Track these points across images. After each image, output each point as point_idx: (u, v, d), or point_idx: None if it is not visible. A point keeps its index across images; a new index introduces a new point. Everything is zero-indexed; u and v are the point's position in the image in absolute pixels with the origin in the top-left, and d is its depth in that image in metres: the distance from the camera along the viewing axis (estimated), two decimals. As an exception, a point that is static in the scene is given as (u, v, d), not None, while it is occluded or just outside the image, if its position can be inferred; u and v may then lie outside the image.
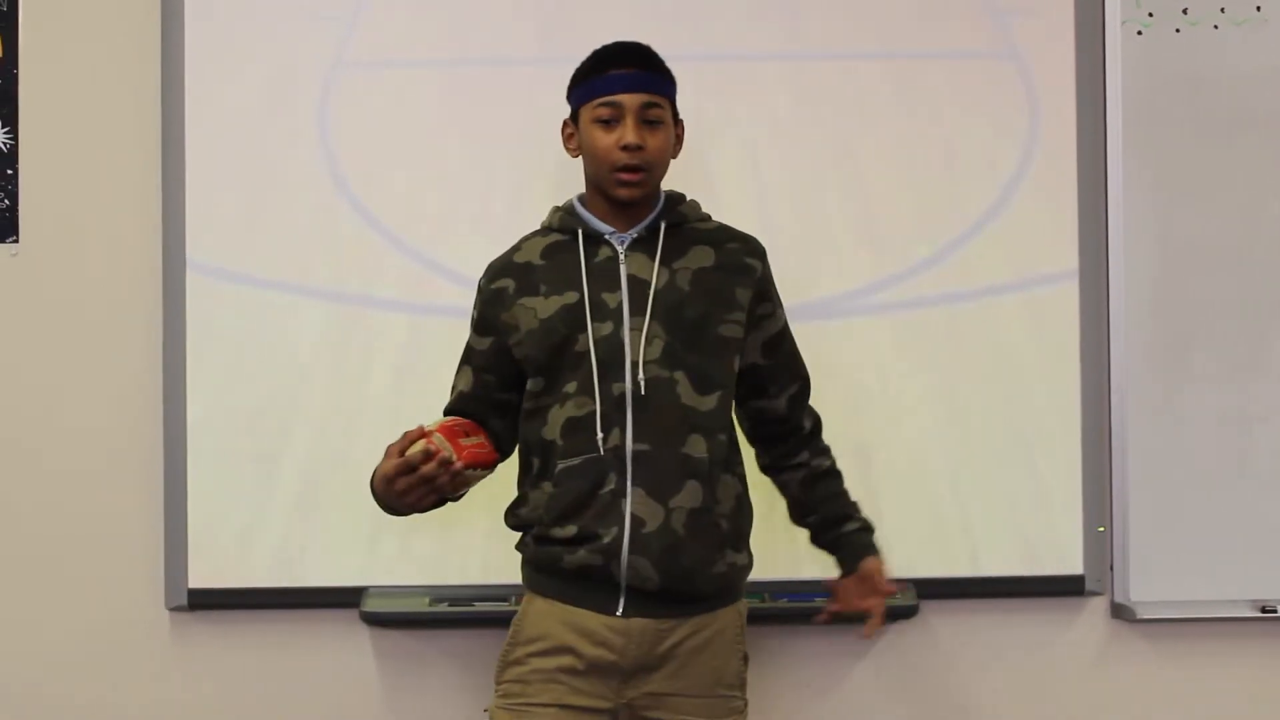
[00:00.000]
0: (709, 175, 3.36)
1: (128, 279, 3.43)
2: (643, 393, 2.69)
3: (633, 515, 2.68)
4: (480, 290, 2.84)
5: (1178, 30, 3.49)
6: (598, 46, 2.83)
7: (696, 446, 2.71)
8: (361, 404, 3.38)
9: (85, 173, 3.45)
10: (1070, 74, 3.46)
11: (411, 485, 2.63)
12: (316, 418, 3.38)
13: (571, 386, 2.72)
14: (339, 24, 3.41)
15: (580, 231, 2.78)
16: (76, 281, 3.45)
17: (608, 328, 2.72)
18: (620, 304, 2.73)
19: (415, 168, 3.40)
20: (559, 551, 2.72)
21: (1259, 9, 3.50)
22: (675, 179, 2.86)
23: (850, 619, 2.89)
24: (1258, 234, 3.49)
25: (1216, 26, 3.49)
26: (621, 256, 2.76)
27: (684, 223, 2.81)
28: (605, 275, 2.75)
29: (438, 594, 3.35)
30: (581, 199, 2.84)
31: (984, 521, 3.43)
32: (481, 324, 2.83)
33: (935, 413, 3.43)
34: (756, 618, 3.32)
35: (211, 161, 3.39)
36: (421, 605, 3.34)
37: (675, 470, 2.70)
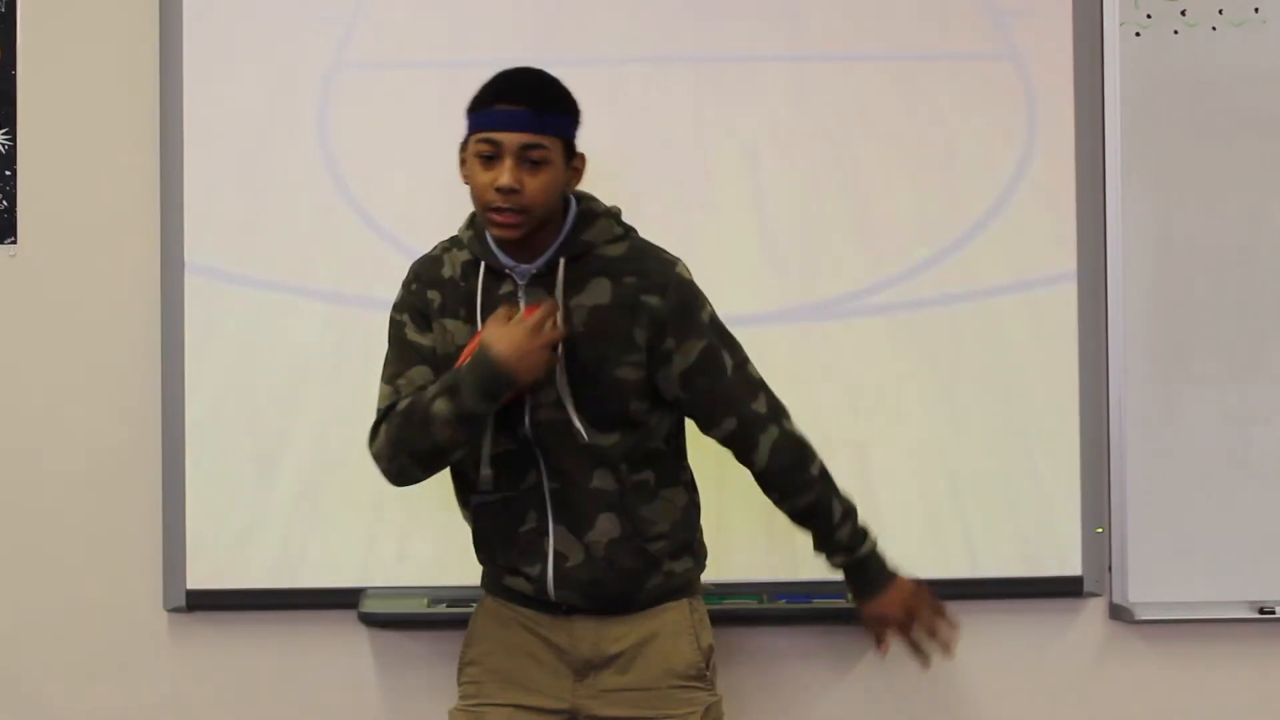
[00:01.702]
0: (709, 175, 3.36)
1: (127, 280, 3.43)
2: (542, 433, 2.66)
3: (555, 551, 2.69)
4: (411, 294, 2.75)
5: (1176, 32, 3.50)
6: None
7: (604, 480, 2.68)
8: (361, 405, 3.35)
9: (84, 174, 3.45)
10: (1069, 75, 3.46)
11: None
12: (315, 418, 3.38)
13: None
14: (338, 24, 3.40)
15: (483, 263, 2.69)
16: (75, 283, 3.45)
17: None
18: None
19: (415, 168, 3.39)
20: (498, 572, 2.77)
21: (1257, 10, 3.50)
22: (675, 179, 2.85)
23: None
24: (1256, 235, 3.50)
25: (1215, 28, 3.50)
26: (521, 294, 2.67)
27: (590, 250, 2.68)
28: None
29: (436, 595, 3.35)
30: None
31: (983, 522, 3.43)
32: (422, 324, 2.73)
33: (934, 413, 3.43)
34: (756, 618, 3.34)
35: (210, 162, 3.39)
36: (420, 606, 3.34)
37: (588, 505, 2.68)
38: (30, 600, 3.44)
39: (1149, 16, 3.49)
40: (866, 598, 2.79)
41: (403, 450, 2.64)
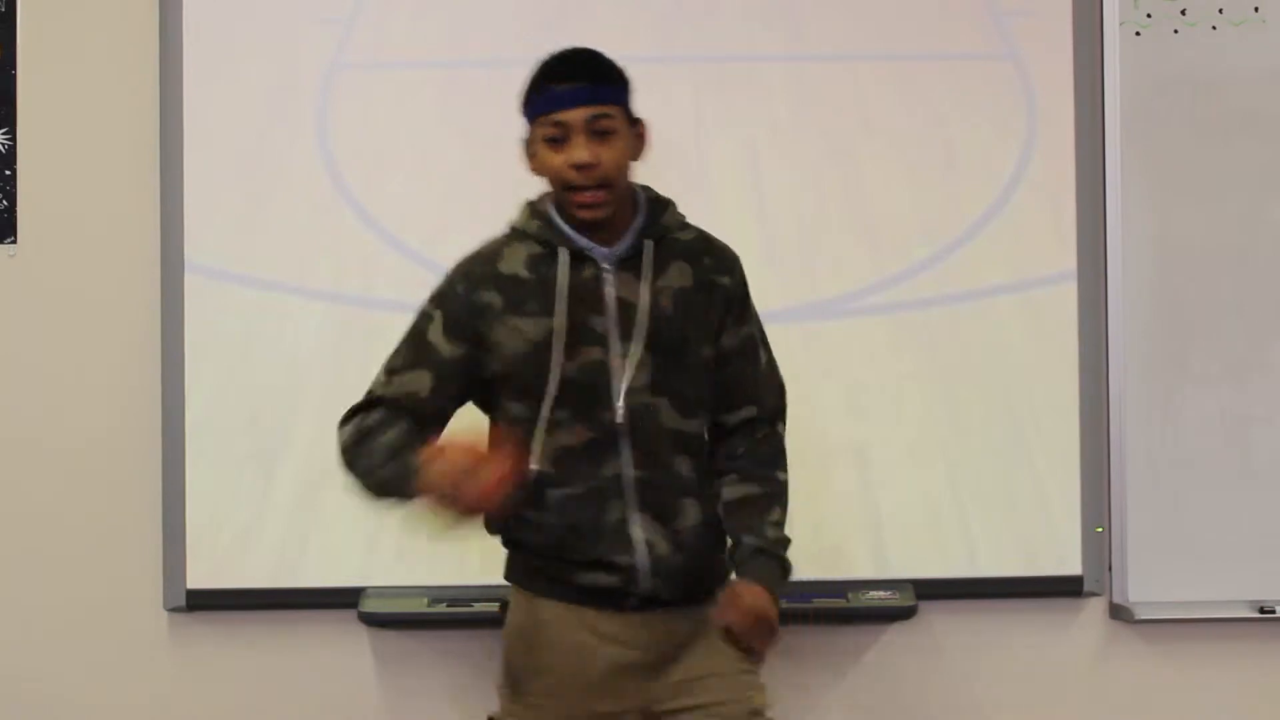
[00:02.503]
0: (709, 175, 3.36)
1: (126, 279, 3.43)
2: (629, 421, 2.64)
3: (646, 541, 2.65)
4: (455, 295, 2.66)
5: (1176, 31, 3.50)
6: (550, 53, 2.72)
7: (685, 467, 2.67)
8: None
9: (84, 173, 3.45)
10: (1069, 75, 3.47)
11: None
12: (315, 418, 3.37)
13: (562, 414, 2.63)
14: (338, 25, 3.41)
15: (562, 248, 2.66)
16: (75, 282, 3.45)
17: (595, 353, 2.63)
18: (607, 329, 2.64)
19: (414, 168, 3.40)
20: (572, 570, 2.67)
21: (1257, 10, 3.50)
22: (676, 180, 2.84)
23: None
24: (1256, 235, 3.50)
25: (1215, 27, 3.50)
26: (607, 276, 2.66)
27: (666, 235, 2.70)
28: (590, 296, 2.64)
29: (436, 594, 3.35)
30: (556, 204, 2.70)
31: (983, 522, 3.43)
32: (456, 330, 2.65)
33: (934, 413, 3.43)
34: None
35: (210, 162, 3.39)
36: (420, 606, 3.34)
37: (673, 492, 2.67)
38: (31, 600, 3.44)
39: (1149, 16, 3.49)
40: (747, 580, 2.66)
41: (351, 472, 2.67)
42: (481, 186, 3.41)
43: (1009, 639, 3.51)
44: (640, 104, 2.73)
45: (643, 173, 2.88)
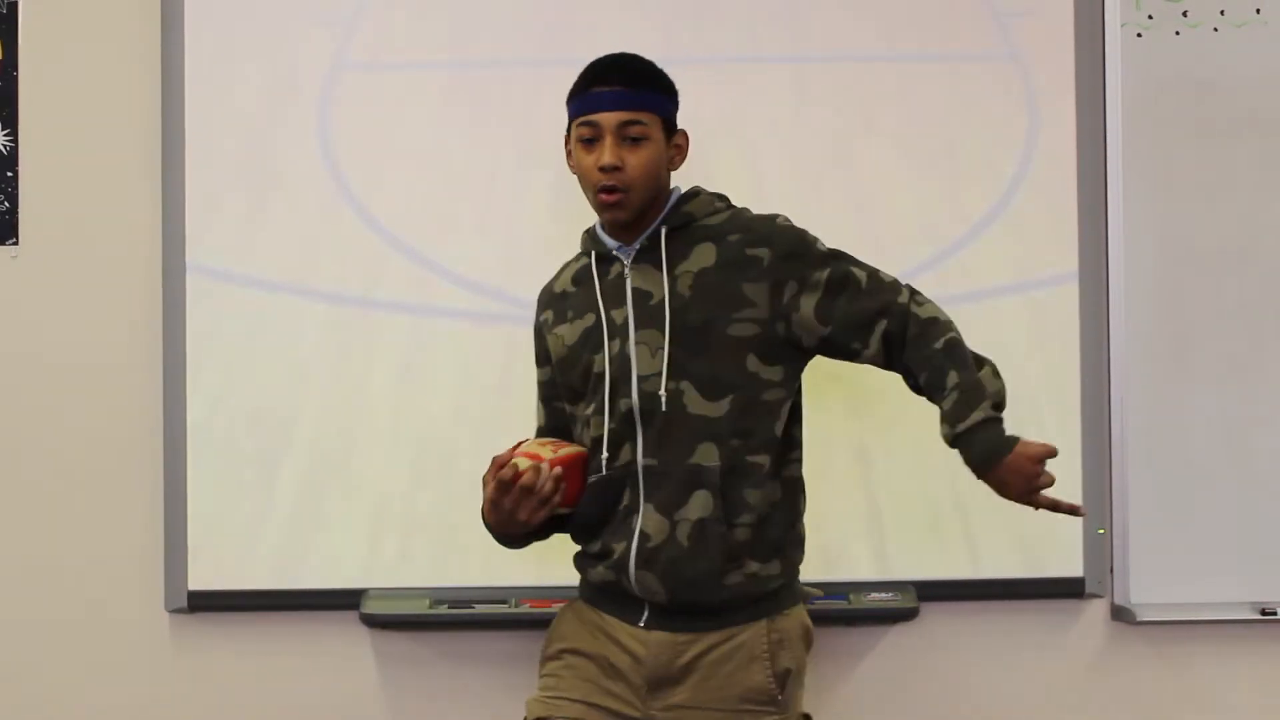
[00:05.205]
0: (709, 175, 3.34)
1: (128, 281, 3.44)
2: (646, 407, 2.69)
3: (640, 531, 2.69)
4: (537, 321, 2.89)
5: (1177, 33, 3.50)
6: (597, 54, 2.79)
7: (707, 455, 2.67)
8: (362, 406, 3.38)
9: (85, 175, 3.46)
10: (1070, 76, 3.46)
11: (516, 500, 2.64)
12: (317, 419, 3.38)
13: (590, 408, 2.75)
14: (340, 26, 3.41)
15: (594, 253, 2.80)
16: (76, 284, 3.45)
17: (617, 345, 2.72)
18: (627, 319, 2.72)
19: (416, 169, 3.40)
20: (587, 564, 2.79)
21: (1258, 11, 3.50)
22: (676, 180, 2.85)
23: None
24: (1257, 235, 3.50)
25: (1216, 29, 3.50)
26: (627, 271, 2.75)
27: (690, 222, 2.76)
28: (615, 292, 2.75)
29: (438, 596, 3.35)
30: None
31: (984, 523, 3.42)
32: (538, 356, 2.90)
33: (935, 413, 3.41)
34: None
35: (212, 163, 3.39)
36: (422, 607, 3.34)
37: (683, 482, 2.68)
38: (32, 601, 3.44)
39: (1150, 17, 3.49)
40: (981, 471, 2.73)
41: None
42: (484, 187, 3.42)
43: (1011, 641, 3.50)
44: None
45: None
